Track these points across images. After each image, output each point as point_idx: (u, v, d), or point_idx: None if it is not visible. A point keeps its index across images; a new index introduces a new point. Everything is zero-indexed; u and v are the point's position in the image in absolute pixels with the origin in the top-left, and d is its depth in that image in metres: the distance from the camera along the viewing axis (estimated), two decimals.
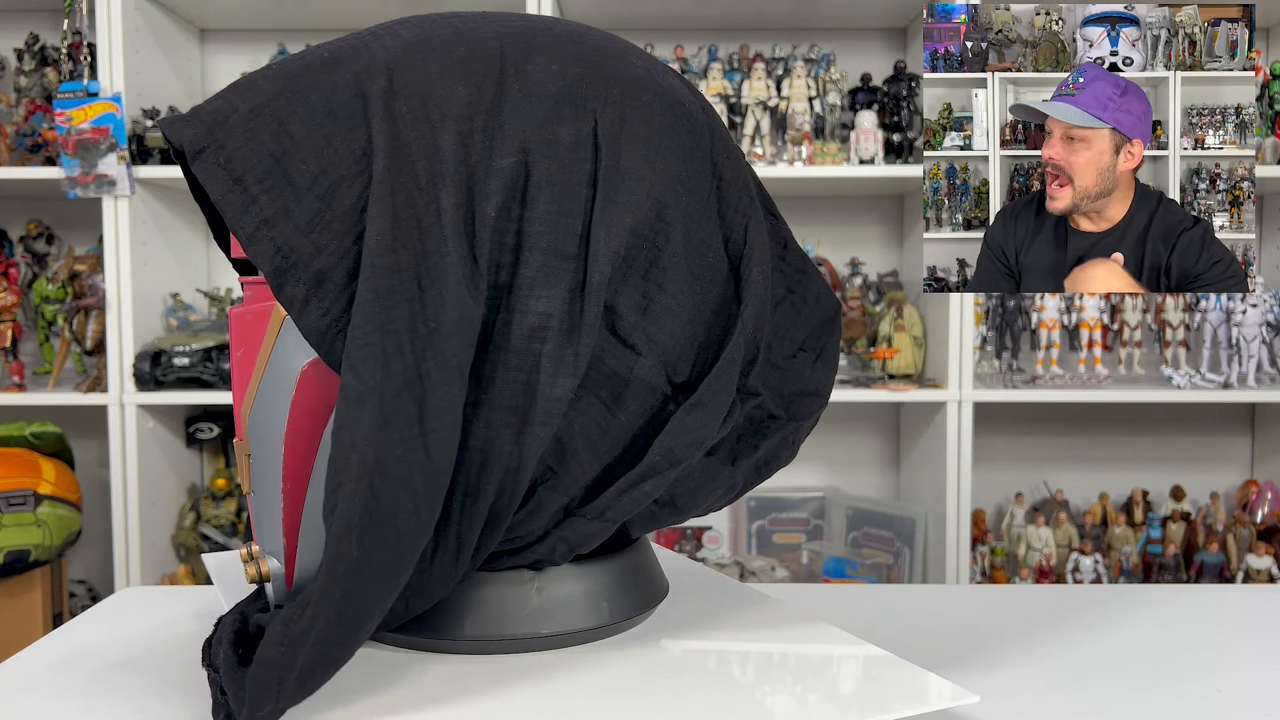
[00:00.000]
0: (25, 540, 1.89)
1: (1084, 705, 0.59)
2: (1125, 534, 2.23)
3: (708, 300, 0.54)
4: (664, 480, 0.53)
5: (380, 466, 0.45)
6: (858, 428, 2.43)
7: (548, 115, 0.52)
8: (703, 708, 0.48)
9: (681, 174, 0.54)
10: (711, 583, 0.68)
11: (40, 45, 2.22)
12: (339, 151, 0.50)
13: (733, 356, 0.54)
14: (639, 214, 0.52)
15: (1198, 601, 0.78)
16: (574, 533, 0.53)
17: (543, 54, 0.53)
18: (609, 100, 0.53)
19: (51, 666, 0.61)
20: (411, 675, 0.52)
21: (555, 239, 0.50)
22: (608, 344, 0.52)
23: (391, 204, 0.48)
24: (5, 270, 2.17)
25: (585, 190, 0.51)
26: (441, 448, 0.47)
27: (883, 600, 0.80)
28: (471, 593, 0.54)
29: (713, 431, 0.53)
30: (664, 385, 0.53)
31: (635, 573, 0.59)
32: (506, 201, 0.50)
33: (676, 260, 0.53)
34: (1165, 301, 2.19)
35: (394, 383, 0.46)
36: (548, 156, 0.51)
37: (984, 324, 2.19)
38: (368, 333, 0.46)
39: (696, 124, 0.56)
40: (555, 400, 0.49)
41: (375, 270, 0.47)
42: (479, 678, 0.51)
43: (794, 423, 0.59)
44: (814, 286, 0.61)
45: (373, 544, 0.45)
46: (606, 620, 0.56)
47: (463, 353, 0.47)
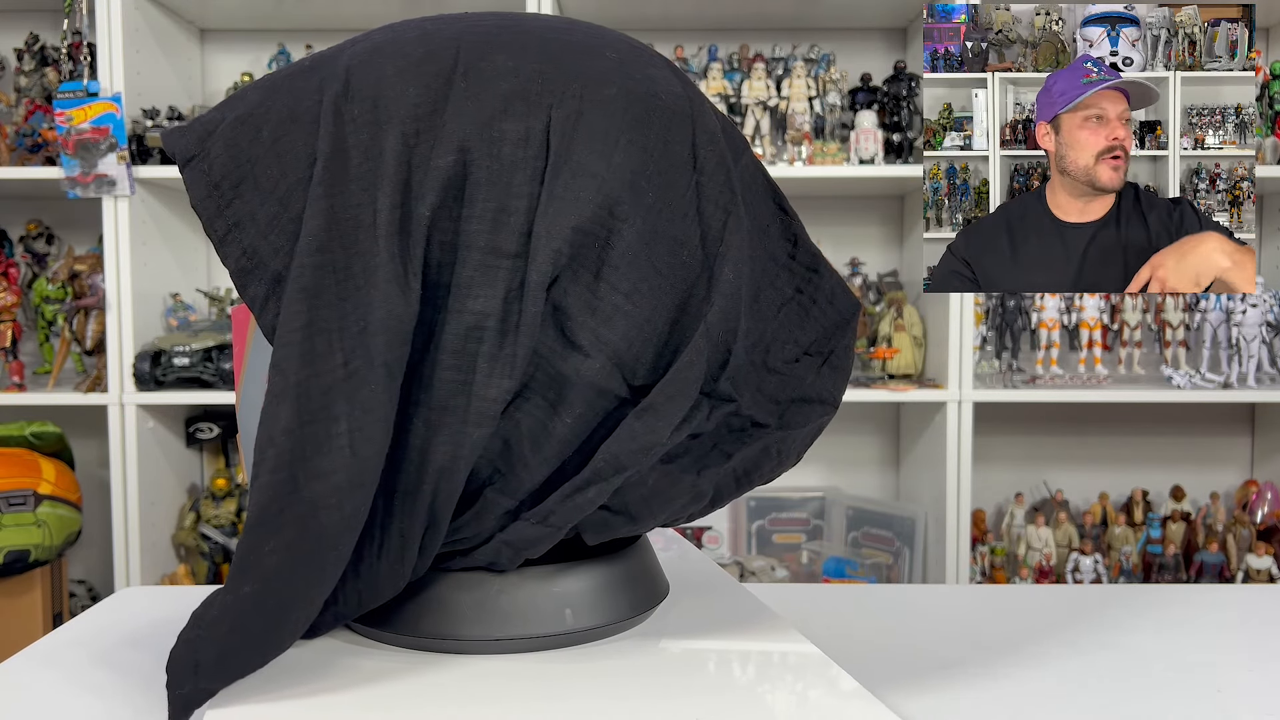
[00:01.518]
0: (25, 540, 1.89)
1: (1084, 705, 0.59)
2: (1125, 534, 2.23)
3: (674, 300, 0.52)
4: (608, 487, 0.51)
5: (304, 461, 0.46)
6: (858, 427, 2.43)
7: (494, 113, 0.51)
8: (703, 708, 0.48)
9: (644, 169, 0.52)
10: (712, 582, 0.68)
11: (40, 45, 2.22)
12: (297, 156, 0.51)
13: (691, 359, 0.51)
14: (586, 211, 0.50)
15: (1198, 601, 0.78)
16: (518, 537, 0.52)
17: (501, 51, 0.53)
18: (567, 95, 0.52)
19: (51, 666, 0.61)
20: (409, 675, 0.52)
21: (494, 237, 0.50)
22: (556, 344, 0.50)
23: (327, 205, 0.49)
24: (5, 270, 2.17)
25: (531, 187, 0.50)
26: (368, 445, 0.47)
27: (883, 600, 0.80)
28: (470, 592, 0.54)
29: (662, 438, 0.51)
30: (618, 388, 0.51)
31: (635, 573, 0.59)
32: (444, 200, 0.50)
33: (632, 258, 0.51)
34: (1165, 301, 2.19)
35: (321, 380, 0.47)
36: (489, 154, 0.50)
37: (984, 324, 2.19)
38: (291, 331, 0.47)
39: (674, 117, 0.54)
40: (490, 401, 0.49)
41: (303, 269, 0.48)
42: (477, 677, 0.51)
43: (782, 431, 0.56)
44: (826, 286, 0.59)
45: (293, 536, 0.46)
46: (606, 620, 0.56)
47: (389, 351, 0.48)
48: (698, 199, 0.53)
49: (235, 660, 0.47)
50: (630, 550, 0.59)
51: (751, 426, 0.55)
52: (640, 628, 0.58)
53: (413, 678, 0.51)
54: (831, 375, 0.59)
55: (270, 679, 0.51)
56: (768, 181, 0.59)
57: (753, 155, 0.59)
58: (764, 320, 0.56)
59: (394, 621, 0.55)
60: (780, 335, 0.57)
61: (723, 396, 0.54)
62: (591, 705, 0.48)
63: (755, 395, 0.55)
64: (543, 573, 0.55)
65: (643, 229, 0.51)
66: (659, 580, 0.61)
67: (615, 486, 0.51)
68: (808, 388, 0.57)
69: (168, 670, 0.47)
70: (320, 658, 0.53)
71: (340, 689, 0.50)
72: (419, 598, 0.55)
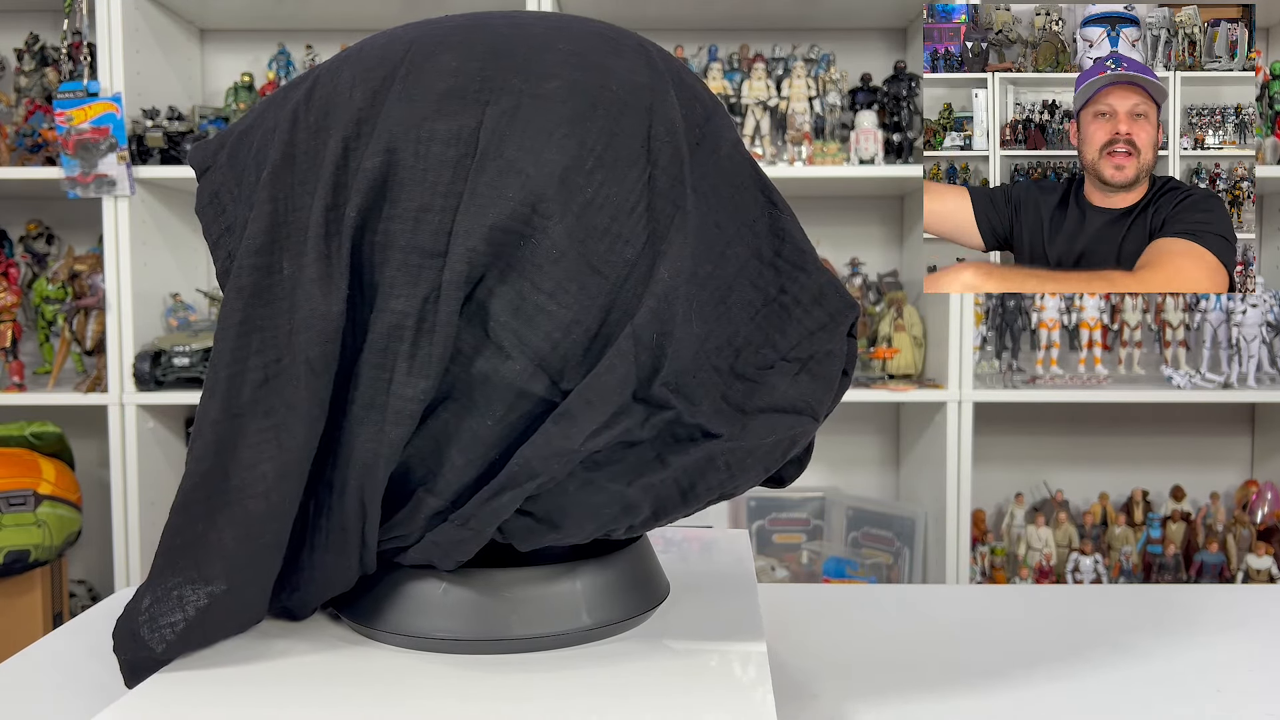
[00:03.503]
0: (25, 540, 1.89)
1: (1084, 705, 0.59)
2: (1125, 534, 2.23)
3: (610, 300, 0.50)
4: (522, 493, 0.49)
5: (232, 452, 0.50)
6: (857, 428, 2.43)
7: (426, 113, 0.51)
8: (702, 708, 0.48)
9: (581, 163, 0.50)
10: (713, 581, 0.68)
11: (40, 45, 2.22)
12: (266, 163, 0.54)
13: (612, 363, 0.49)
14: (506, 209, 0.49)
15: (1197, 601, 0.79)
16: (444, 538, 0.51)
17: (448, 51, 0.53)
18: (505, 91, 0.51)
19: (52, 666, 0.61)
20: (408, 674, 0.52)
21: (415, 237, 0.50)
22: (481, 345, 0.49)
23: (270, 209, 0.52)
24: (5, 270, 2.17)
25: (458, 186, 0.50)
26: (292, 439, 0.50)
27: (883, 600, 0.80)
28: (469, 592, 0.54)
29: (575, 444, 0.49)
30: (543, 390, 0.49)
31: (635, 573, 0.59)
32: (372, 201, 0.50)
33: (558, 257, 0.49)
34: (1165, 301, 2.19)
35: (252, 376, 0.51)
36: (416, 154, 0.50)
37: (984, 324, 2.19)
38: (226, 328, 0.51)
39: (625, 108, 0.52)
40: (407, 401, 0.49)
41: (241, 270, 0.51)
42: (477, 677, 0.51)
43: (733, 442, 0.52)
44: (812, 286, 0.55)
45: (224, 521, 0.50)
46: (606, 620, 0.56)
47: (311, 349, 0.49)
48: (649, 194, 0.51)
49: (174, 632, 0.51)
50: (630, 550, 0.59)
51: (703, 436, 0.52)
52: (640, 628, 0.58)
53: (412, 677, 0.51)
54: (810, 383, 0.54)
55: (266, 675, 0.51)
56: (756, 174, 0.56)
57: (738, 147, 0.56)
58: (733, 322, 0.54)
59: (394, 621, 0.55)
60: (755, 338, 0.54)
61: (659, 403, 0.51)
62: (591, 705, 0.48)
63: (717, 403, 0.52)
64: (542, 573, 0.55)
65: (575, 226, 0.49)
66: (659, 580, 0.61)
67: (529, 493, 0.50)
68: (779, 396, 0.53)
69: (114, 634, 0.52)
70: (319, 656, 0.54)
71: (339, 689, 0.50)
72: (418, 597, 0.55)
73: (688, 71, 0.58)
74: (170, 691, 0.49)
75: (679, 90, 0.55)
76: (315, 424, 0.50)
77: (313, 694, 0.49)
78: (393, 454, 0.49)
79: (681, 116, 0.54)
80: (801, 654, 0.66)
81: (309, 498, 0.52)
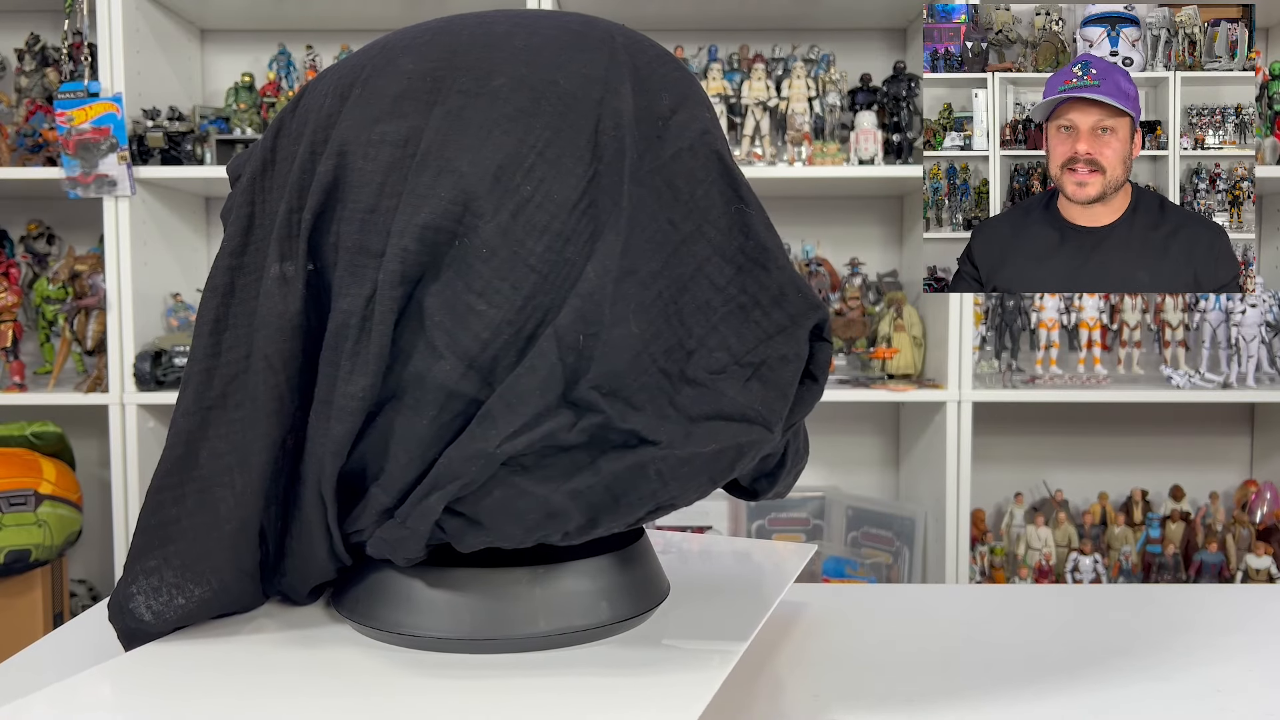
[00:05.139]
0: (26, 540, 1.89)
1: (1083, 705, 0.59)
2: (1124, 534, 2.23)
3: (545, 300, 0.49)
4: (446, 494, 0.49)
5: (203, 442, 0.54)
6: (857, 428, 2.43)
7: (378, 115, 0.52)
8: (701, 708, 0.48)
9: (520, 160, 0.50)
10: (713, 582, 0.68)
11: (41, 46, 2.22)
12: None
13: (533, 364, 0.48)
14: (438, 207, 0.49)
15: (1197, 601, 0.79)
16: (389, 535, 0.52)
17: (407, 55, 0.54)
18: (453, 91, 0.51)
19: (52, 666, 0.61)
20: (407, 673, 0.52)
21: (361, 238, 0.51)
22: (417, 344, 0.50)
23: (247, 212, 0.55)
24: (6, 270, 2.17)
25: (401, 186, 0.51)
26: (251, 430, 0.53)
27: (882, 600, 0.80)
28: (469, 590, 0.54)
29: (491, 446, 0.48)
30: (475, 391, 0.49)
31: (635, 573, 0.59)
32: (326, 203, 0.52)
33: (489, 256, 0.49)
34: (1164, 302, 2.19)
35: (223, 371, 0.54)
36: (365, 156, 0.51)
37: (983, 324, 2.19)
38: (203, 324, 0.55)
39: (572, 103, 0.51)
40: (350, 398, 0.50)
41: (217, 270, 0.55)
42: (476, 676, 0.51)
43: (668, 450, 0.49)
44: (772, 285, 0.52)
45: (194, 506, 0.54)
46: (606, 620, 0.56)
47: (268, 345, 0.52)
48: (593, 190, 0.50)
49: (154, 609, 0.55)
50: (630, 550, 0.59)
51: (640, 443, 0.49)
52: (640, 628, 0.58)
53: (411, 677, 0.51)
54: (761, 390, 0.51)
55: (264, 672, 0.51)
56: (724, 168, 0.53)
57: (706, 138, 0.54)
58: (686, 324, 0.51)
59: (393, 620, 0.55)
60: (709, 341, 0.51)
61: (588, 406, 0.49)
62: (591, 705, 0.48)
63: (663, 409, 0.50)
64: (542, 572, 0.55)
65: (510, 224, 0.49)
66: (659, 580, 0.61)
67: (454, 494, 0.49)
68: (727, 403, 0.51)
69: (109, 607, 0.56)
70: (317, 656, 0.54)
71: (338, 688, 0.50)
72: (418, 597, 0.55)
73: (665, 61, 0.56)
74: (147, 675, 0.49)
75: (640, 82, 0.53)
76: (272, 418, 0.52)
77: (307, 690, 0.50)
78: (338, 449, 0.51)
79: (636, 109, 0.52)
80: (801, 654, 0.67)
81: (290, 489, 0.55)
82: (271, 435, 0.52)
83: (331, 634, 0.56)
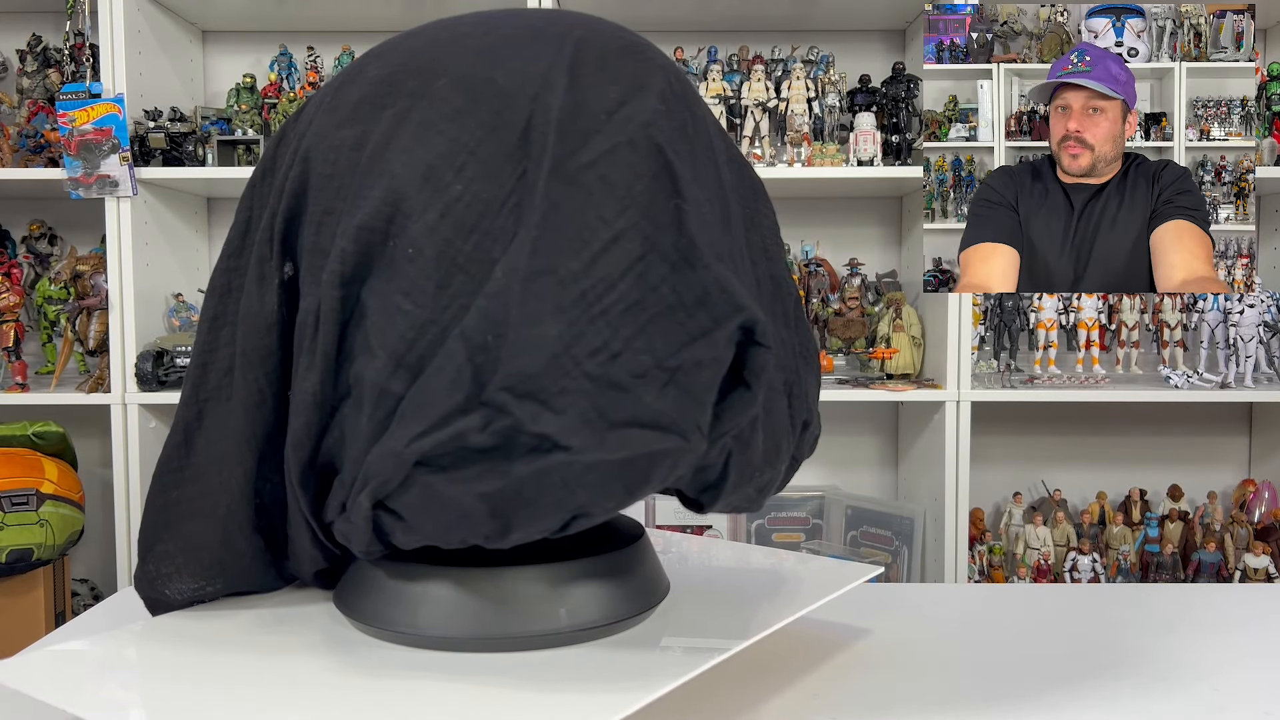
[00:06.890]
0: (28, 540, 1.89)
1: (1081, 704, 0.59)
2: (1123, 533, 2.23)
3: (472, 300, 0.48)
4: (370, 492, 0.49)
5: (198, 432, 0.58)
6: (856, 427, 2.44)
7: (339, 121, 0.54)
8: (701, 707, 0.48)
9: (451, 160, 0.49)
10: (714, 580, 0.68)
11: (43, 46, 2.22)
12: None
13: (441, 365, 0.47)
14: (369, 209, 0.49)
15: (1195, 600, 0.79)
16: (345, 527, 0.52)
17: (375, 61, 0.56)
18: (402, 94, 0.52)
19: (54, 665, 0.61)
20: (406, 673, 0.52)
21: (319, 239, 0.53)
22: (356, 342, 0.50)
23: (245, 216, 0.58)
24: (8, 270, 2.17)
25: (352, 189, 0.52)
26: (234, 421, 0.56)
27: (881, 599, 0.80)
28: (468, 590, 0.54)
29: (400, 446, 0.48)
30: (404, 389, 0.49)
31: (634, 572, 0.59)
32: (296, 208, 0.54)
33: (415, 256, 0.49)
34: (1163, 301, 2.20)
35: (217, 366, 0.57)
36: (324, 161, 0.53)
37: (982, 324, 2.20)
38: (201, 323, 0.58)
39: (507, 100, 0.51)
40: (304, 394, 0.52)
41: (216, 271, 0.58)
42: (476, 675, 0.51)
43: (576, 457, 0.47)
44: (697, 284, 0.49)
45: (192, 491, 0.57)
46: (606, 620, 0.56)
47: (246, 341, 0.55)
48: (521, 188, 0.49)
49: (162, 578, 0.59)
50: (630, 550, 0.59)
51: (553, 448, 0.47)
52: (640, 628, 0.58)
53: (410, 676, 0.51)
54: (676, 396, 0.48)
55: (265, 671, 0.51)
56: (665, 161, 0.50)
57: (647, 131, 0.51)
58: (612, 324, 0.48)
59: (393, 619, 0.55)
60: (636, 342, 0.48)
61: (498, 408, 0.47)
62: (591, 704, 0.48)
63: (585, 413, 0.47)
64: (542, 571, 0.55)
65: (437, 224, 0.49)
66: (659, 580, 0.61)
67: (376, 493, 0.49)
68: (642, 409, 0.48)
69: (134, 578, 0.60)
70: (314, 652, 0.54)
71: (337, 689, 0.50)
72: (417, 596, 0.55)
73: (627, 54, 0.54)
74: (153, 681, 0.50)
75: (586, 76, 0.52)
76: (252, 410, 0.55)
77: (308, 689, 0.50)
78: (298, 442, 0.52)
79: (572, 104, 0.51)
80: (801, 653, 0.67)
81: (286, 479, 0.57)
82: (252, 428, 0.55)
83: (332, 633, 0.57)
